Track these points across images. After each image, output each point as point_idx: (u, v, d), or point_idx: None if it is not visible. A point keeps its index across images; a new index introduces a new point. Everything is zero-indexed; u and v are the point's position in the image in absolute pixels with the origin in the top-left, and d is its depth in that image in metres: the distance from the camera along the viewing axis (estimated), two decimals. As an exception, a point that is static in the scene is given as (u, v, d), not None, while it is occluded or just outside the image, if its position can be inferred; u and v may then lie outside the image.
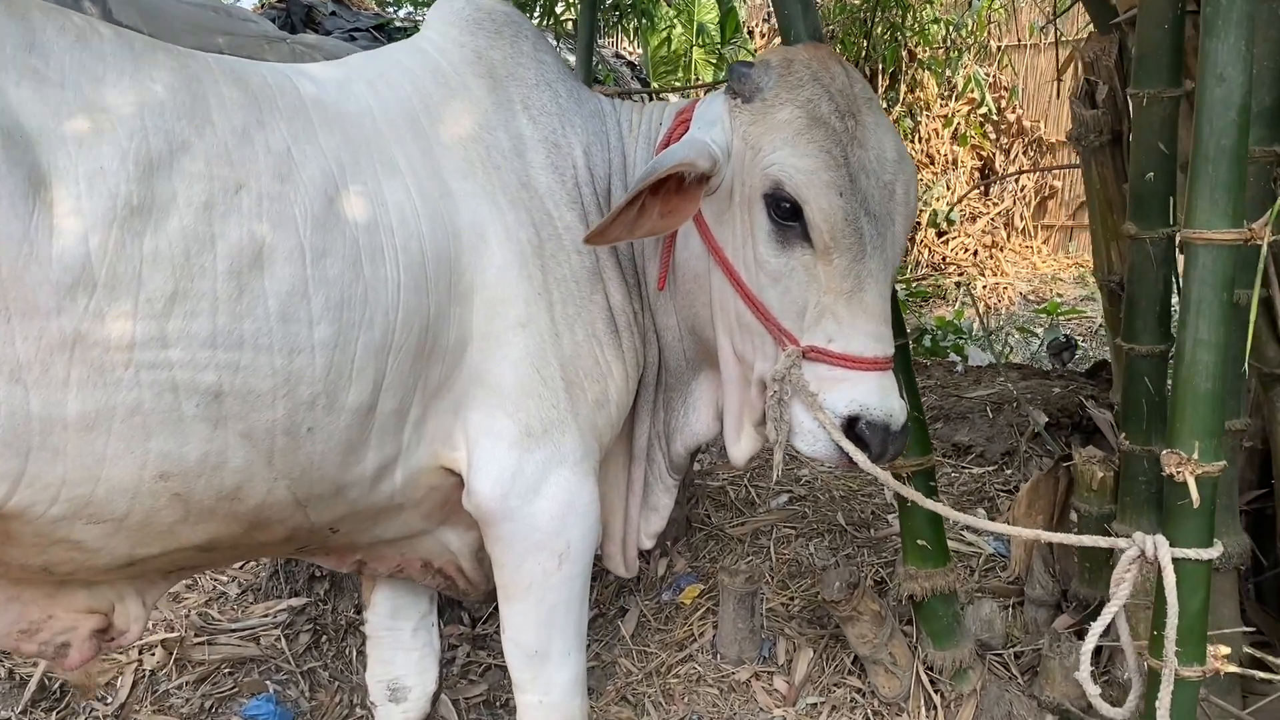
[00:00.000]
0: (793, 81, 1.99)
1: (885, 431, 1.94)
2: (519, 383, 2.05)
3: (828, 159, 1.92)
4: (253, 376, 1.73)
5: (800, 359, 1.95)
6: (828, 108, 1.96)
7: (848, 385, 1.93)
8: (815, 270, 1.95)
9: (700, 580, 3.47)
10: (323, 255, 1.80)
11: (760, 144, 1.97)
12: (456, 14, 2.22)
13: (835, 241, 1.92)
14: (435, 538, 2.26)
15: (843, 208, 1.91)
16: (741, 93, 2.03)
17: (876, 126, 2.02)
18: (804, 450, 2.00)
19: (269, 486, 1.82)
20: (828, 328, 1.94)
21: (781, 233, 1.96)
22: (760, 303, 2.00)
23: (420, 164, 2.01)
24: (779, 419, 1.99)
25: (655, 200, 1.96)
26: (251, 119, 1.81)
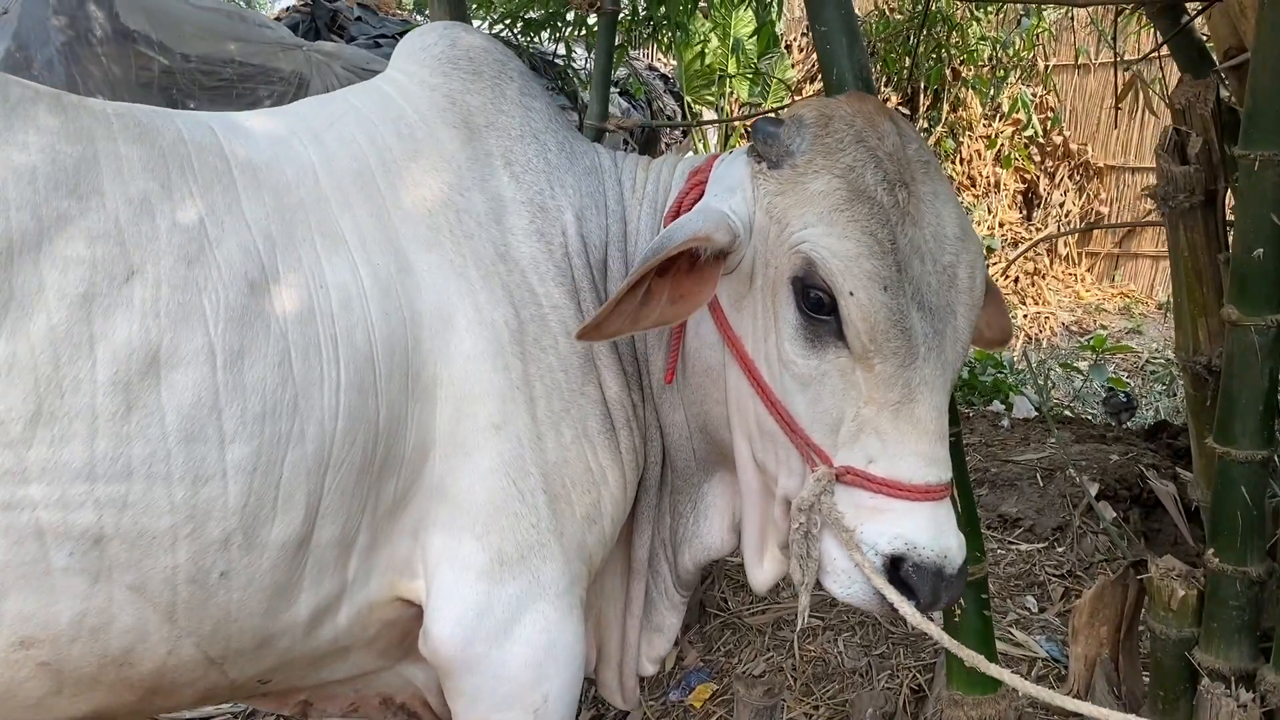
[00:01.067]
0: (831, 144, 1.62)
1: (938, 577, 1.55)
2: (491, 498, 1.69)
3: (871, 243, 1.54)
4: (145, 514, 1.38)
5: (833, 482, 1.57)
6: (874, 177, 1.59)
7: (892, 518, 1.55)
8: (854, 376, 1.57)
9: (714, 678, 3.08)
10: (239, 356, 1.44)
11: (788, 219, 1.60)
12: (427, 51, 1.87)
13: (877, 345, 1.54)
14: (395, 673, 1.90)
15: (886, 304, 1.53)
16: (768, 156, 1.66)
17: (934, 198, 1.64)
18: (837, 594, 1.63)
19: (170, 647, 1.47)
20: (869, 446, 1.56)
21: (812, 328, 1.59)
22: (785, 410, 1.63)
23: (372, 234, 1.65)
24: (805, 555, 1.61)
25: (664, 283, 1.60)
26: (154, 186, 1.46)
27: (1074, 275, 11.09)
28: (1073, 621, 2.79)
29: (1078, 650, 2.71)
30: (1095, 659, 2.71)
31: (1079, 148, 10.99)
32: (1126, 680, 2.64)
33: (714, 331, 1.75)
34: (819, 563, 1.61)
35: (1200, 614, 2.30)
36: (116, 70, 5.98)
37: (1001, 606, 3.37)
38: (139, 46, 6.10)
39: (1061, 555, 3.68)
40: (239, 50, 6.61)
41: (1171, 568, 2.40)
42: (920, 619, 1.54)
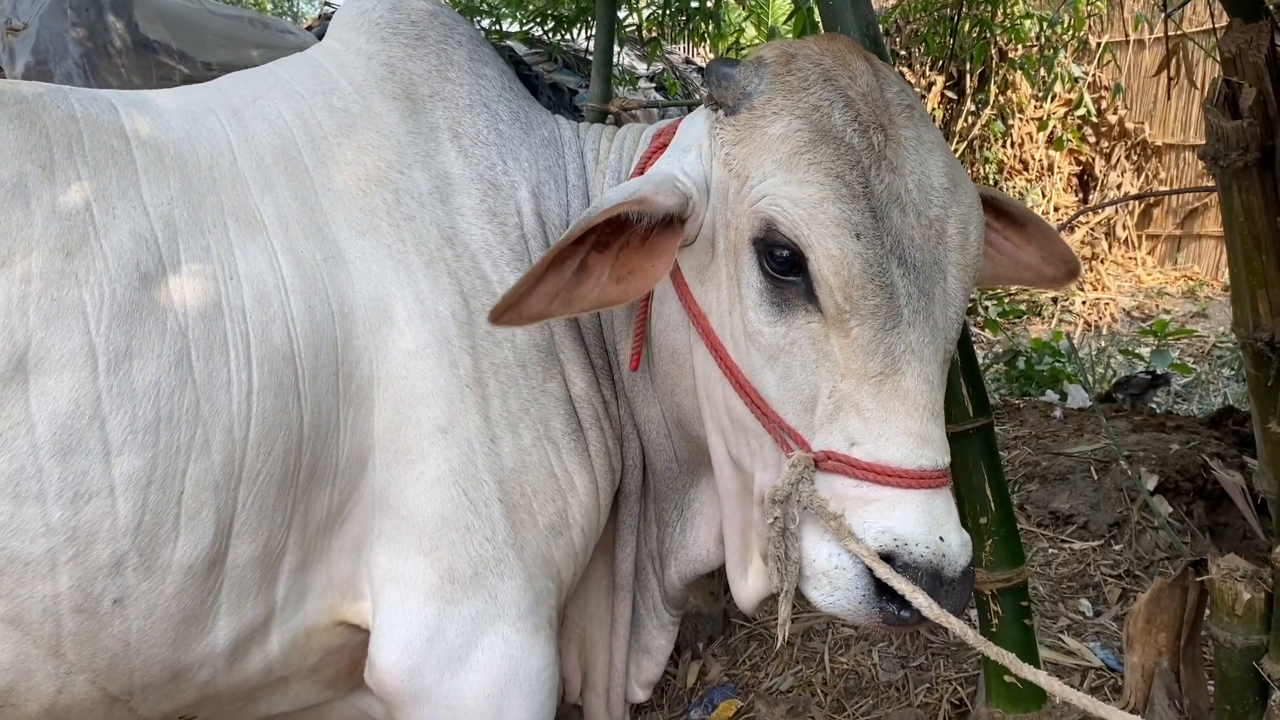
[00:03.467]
0: (794, 83, 1.41)
1: (934, 579, 1.30)
2: (439, 510, 1.50)
3: (838, 186, 1.33)
4: (15, 537, 1.23)
5: (811, 469, 1.35)
6: (843, 117, 1.38)
7: (879, 509, 1.31)
8: (828, 344, 1.36)
9: (738, 694, 2.87)
10: (126, 358, 1.28)
11: (747, 169, 1.40)
12: (365, 16, 1.69)
13: (852, 303, 1.33)
14: (350, 704, 1.73)
15: (861, 254, 1.32)
16: (723, 101, 1.45)
17: (918, 143, 1.43)
18: (819, 602, 1.37)
19: (59, 684, 1.31)
20: (849, 426, 1.34)
21: (778, 292, 1.38)
22: (754, 390, 1.42)
23: (297, 219, 1.48)
24: (783, 558, 1.37)
25: (605, 258, 1.42)
26: (33, 167, 1.30)
27: (1134, 259, 10.64)
28: (1127, 628, 2.53)
29: (1134, 659, 2.46)
30: (1154, 669, 2.45)
31: (1135, 126, 10.54)
32: (1189, 692, 2.38)
33: (678, 311, 1.55)
34: (799, 566, 1.37)
35: (1269, 619, 2.05)
36: (137, 81, 5.93)
37: (1052, 611, 3.11)
38: (159, 56, 6.05)
39: (1119, 554, 3.40)
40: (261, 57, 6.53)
41: (1235, 568, 2.14)
42: (939, 611, 1.27)
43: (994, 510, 2.16)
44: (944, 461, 1.35)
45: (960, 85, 10.17)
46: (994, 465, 2.19)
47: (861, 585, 1.31)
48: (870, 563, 1.28)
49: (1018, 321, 8.73)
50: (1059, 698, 1.34)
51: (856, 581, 1.31)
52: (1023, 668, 1.31)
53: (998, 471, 2.19)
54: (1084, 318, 9.11)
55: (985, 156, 10.17)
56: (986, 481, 2.16)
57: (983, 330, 7.74)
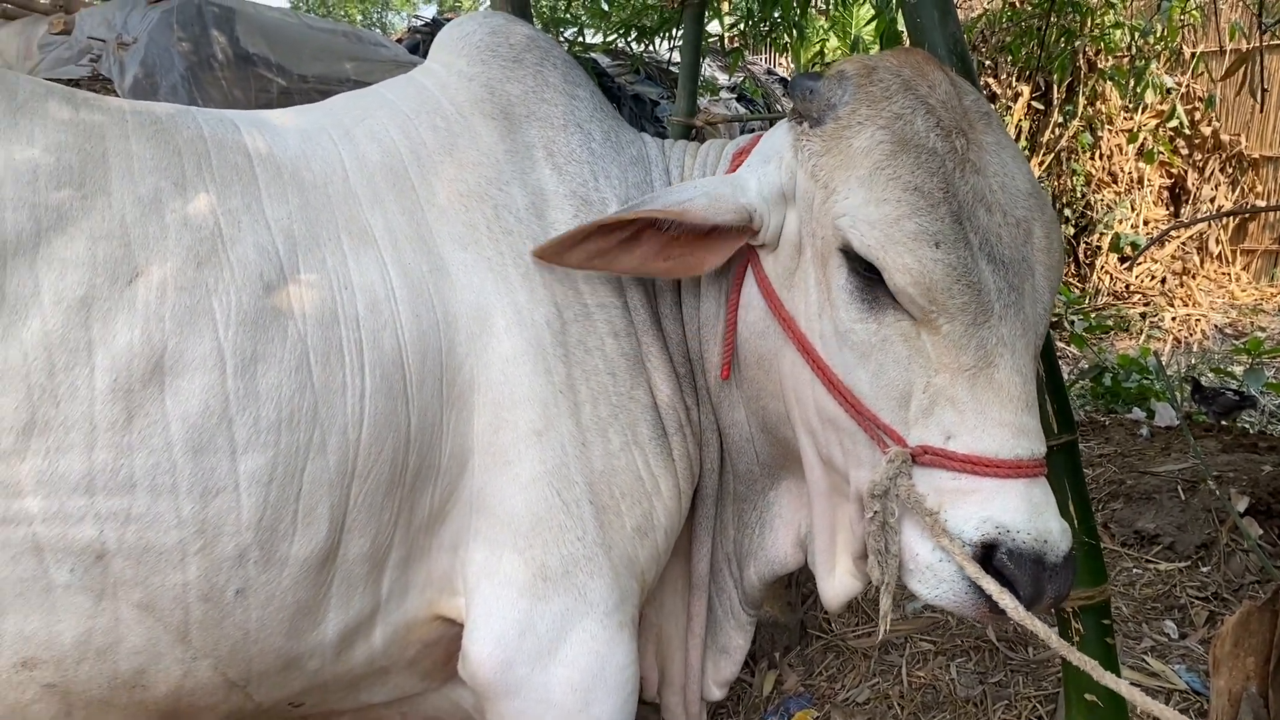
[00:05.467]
0: (876, 93, 1.47)
1: (1038, 565, 1.34)
2: (533, 510, 1.57)
3: (916, 200, 1.38)
4: (151, 529, 1.31)
5: (909, 464, 1.39)
6: (925, 123, 1.43)
7: (979, 499, 1.36)
8: (919, 341, 1.41)
9: (814, 704, 2.89)
10: (252, 362, 1.37)
11: (833, 181, 1.46)
12: (465, 40, 1.78)
13: (938, 305, 1.38)
14: (443, 696, 1.80)
15: (942, 260, 1.37)
16: (808, 114, 1.51)
17: (998, 148, 1.48)
18: (923, 594, 1.43)
19: (186, 668, 1.40)
20: (945, 420, 1.39)
21: (868, 290, 1.43)
22: (846, 388, 1.47)
23: (404, 232, 1.57)
24: (883, 551, 1.43)
25: (659, 236, 1.53)
26: (167, 184, 1.40)
27: (1227, 274, 10.32)
28: (1214, 651, 2.49)
29: (1220, 683, 2.42)
30: (1240, 693, 2.41)
31: (1231, 139, 10.24)
32: (1277, 718, 2.34)
33: (763, 318, 1.61)
34: (899, 559, 1.42)
35: (1364, 645, 2.01)
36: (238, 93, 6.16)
37: (1136, 631, 3.07)
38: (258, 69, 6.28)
39: (1206, 576, 3.34)
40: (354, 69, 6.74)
41: (1327, 591, 2.11)
42: (1025, 614, 1.32)
43: (1077, 527, 2.16)
44: (1040, 451, 1.39)
45: (1047, 96, 9.99)
46: (1078, 482, 2.18)
47: (966, 577, 1.35)
48: (961, 562, 1.33)
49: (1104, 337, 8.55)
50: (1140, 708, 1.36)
51: (960, 574, 1.35)
52: (1104, 675, 1.33)
53: (1081, 488, 2.19)
54: (1174, 334, 8.87)
55: (1073, 169, 9.98)
56: (1070, 498, 2.16)
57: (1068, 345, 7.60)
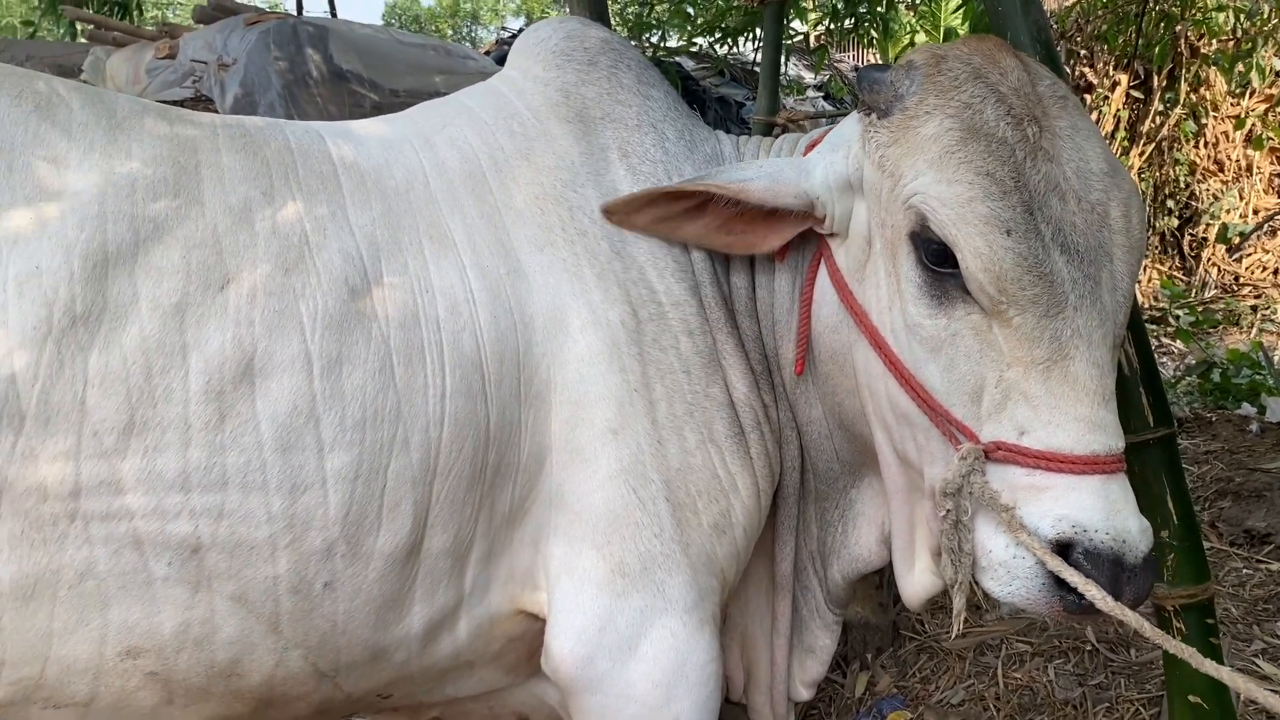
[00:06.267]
0: (944, 82, 1.46)
1: (1116, 566, 1.30)
2: (610, 507, 1.59)
3: (987, 184, 1.37)
4: (242, 524, 1.37)
5: (981, 460, 1.37)
6: (995, 112, 1.41)
7: (1053, 496, 1.33)
8: (990, 334, 1.39)
9: (907, 705, 2.85)
10: (337, 363, 1.42)
11: (901, 169, 1.45)
12: (541, 45, 1.81)
13: (1008, 295, 1.35)
14: (528, 690, 1.83)
15: (1012, 249, 1.35)
16: (876, 105, 1.51)
17: (1074, 132, 1.45)
18: (996, 592, 1.40)
19: (278, 658, 1.46)
20: (1018, 415, 1.36)
21: (937, 284, 1.42)
22: (918, 383, 1.46)
23: (483, 236, 1.61)
24: (956, 549, 1.41)
25: (723, 210, 1.57)
26: (256, 193, 1.46)
27: (1348, 263, 9.83)
28: (1328, 652, 2.39)
29: (1336, 687, 2.32)
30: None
31: (1347, 121, 9.76)
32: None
33: (836, 312, 1.60)
34: (973, 557, 1.40)
35: None
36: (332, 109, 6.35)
37: (1245, 633, 2.95)
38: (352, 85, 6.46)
39: (1323, 576, 3.19)
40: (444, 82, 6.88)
41: None
42: (1113, 604, 1.28)
43: (1176, 523, 2.08)
44: (1118, 446, 1.35)
45: (1147, 84, 9.66)
46: (1176, 477, 2.11)
47: (1041, 574, 1.33)
48: (1041, 555, 1.30)
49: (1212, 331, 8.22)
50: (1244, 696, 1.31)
51: (1035, 571, 1.33)
52: (1203, 662, 1.29)
53: (1180, 483, 2.11)
54: (1288, 327, 8.49)
55: (1175, 158, 9.63)
56: (1168, 493, 2.09)
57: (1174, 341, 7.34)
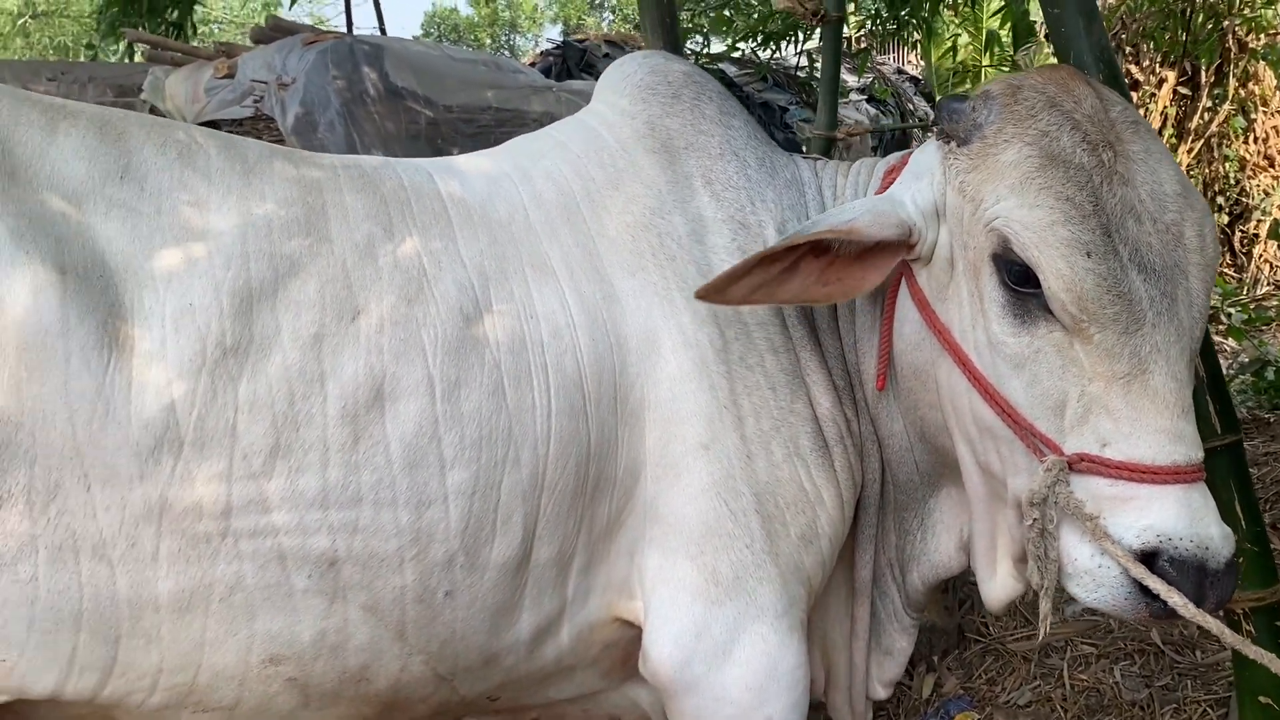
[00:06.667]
0: (1021, 112, 1.53)
1: (1200, 572, 1.37)
2: (703, 519, 1.68)
3: (1067, 209, 1.45)
4: (374, 538, 1.48)
5: (1066, 471, 1.44)
6: (1071, 139, 1.49)
7: (1137, 506, 1.40)
8: (1072, 351, 1.46)
9: (974, 707, 2.91)
10: (456, 386, 1.53)
11: (981, 194, 1.53)
12: (627, 80, 1.90)
13: (1089, 314, 1.43)
14: (621, 694, 1.92)
15: (1093, 270, 1.42)
16: (955, 134, 1.59)
17: (1147, 155, 1.53)
18: (1083, 597, 1.47)
19: (402, 663, 1.56)
20: (1100, 427, 1.43)
21: (1019, 303, 1.49)
22: (1003, 399, 1.53)
23: (579, 263, 1.70)
24: (1043, 556, 1.48)
25: (816, 264, 1.59)
26: (378, 230, 1.57)
27: (1407, 258, 9.67)
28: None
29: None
30: None
31: (1404, 114, 9.61)
32: None
33: (918, 330, 1.68)
34: (1059, 564, 1.47)
35: None
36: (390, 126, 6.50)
37: (1312, 636, 2.97)
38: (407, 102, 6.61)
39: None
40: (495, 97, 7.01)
41: None
42: (1195, 611, 1.36)
43: (1245, 528, 2.14)
44: (1198, 456, 1.42)
45: (1194, 80, 9.59)
46: (1244, 483, 2.17)
47: (1126, 582, 1.40)
48: (1125, 564, 1.37)
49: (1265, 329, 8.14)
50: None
51: (1120, 578, 1.40)
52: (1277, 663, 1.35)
53: (1248, 489, 2.17)
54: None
55: (1225, 154, 9.55)
56: (1236, 500, 2.15)
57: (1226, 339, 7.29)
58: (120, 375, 1.35)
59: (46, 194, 1.38)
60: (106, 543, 1.36)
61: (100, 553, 1.36)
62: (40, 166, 1.40)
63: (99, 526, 1.35)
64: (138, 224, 1.42)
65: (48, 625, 1.35)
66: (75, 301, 1.33)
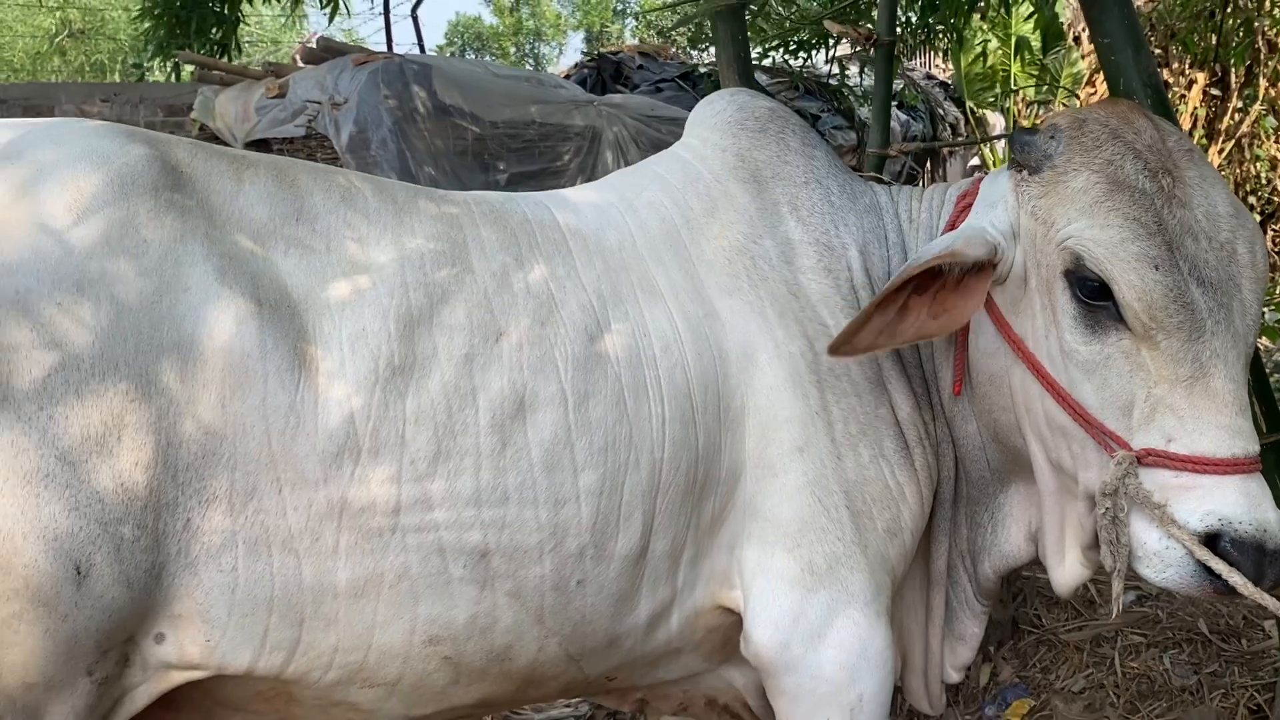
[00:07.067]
0: (1087, 143, 1.72)
1: (1259, 552, 1.54)
2: (798, 514, 1.86)
3: (1135, 228, 1.63)
4: (519, 532, 1.67)
5: (1135, 465, 1.62)
6: (1133, 167, 1.68)
7: (1200, 494, 1.57)
8: (1139, 357, 1.64)
9: (1030, 694, 3.07)
10: (585, 398, 1.71)
11: (1053, 217, 1.71)
12: (717, 116, 2.09)
13: (1159, 322, 1.61)
14: (718, 675, 2.10)
15: (1161, 282, 1.60)
16: (1027, 163, 1.77)
17: (1201, 180, 1.71)
18: (1152, 578, 1.64)
19: (540, 644, 1.75)
20: (1165, 425, 1.61)
21: (1090, 315, 1.67)
22: (1075, 401, 1.70)
23: (682, 285, 1.89)
24: (1115, 541, 1.65)
25: (924, 299, 1.75)
26: (510, 259, 1.77)
27: None
28: None
29: None
30: None
31: None
32: None
33: (993, 340, 1.84)
34: (1129, 548, 1.65)
35: None
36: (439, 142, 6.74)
37: (1353, 623, 3.12)
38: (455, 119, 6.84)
39: None
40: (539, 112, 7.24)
41: None
42: (1255, 590, 1.53)
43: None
44: (1254, 449, 1.60)
45: (1224, 81, 9.67)
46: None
47: (1191, 562, 1.57)
48: (1190, 546, 1.55)
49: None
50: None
51: (1186, 559, 1.57)
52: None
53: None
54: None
55: (1256, 154, 9.63)
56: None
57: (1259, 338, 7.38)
58: (309, 392, 1.54)
59: (238, 235, 1.58)
60: (294, 537, 1.55)
61: (289, 546, 1.55)
62: (231, 211, 1.61)
63: (288, 524, 1.54)
64: (312, 260, 1.62)
65: (245, 609, 1.55)
66: (270, 329, 1.53)
